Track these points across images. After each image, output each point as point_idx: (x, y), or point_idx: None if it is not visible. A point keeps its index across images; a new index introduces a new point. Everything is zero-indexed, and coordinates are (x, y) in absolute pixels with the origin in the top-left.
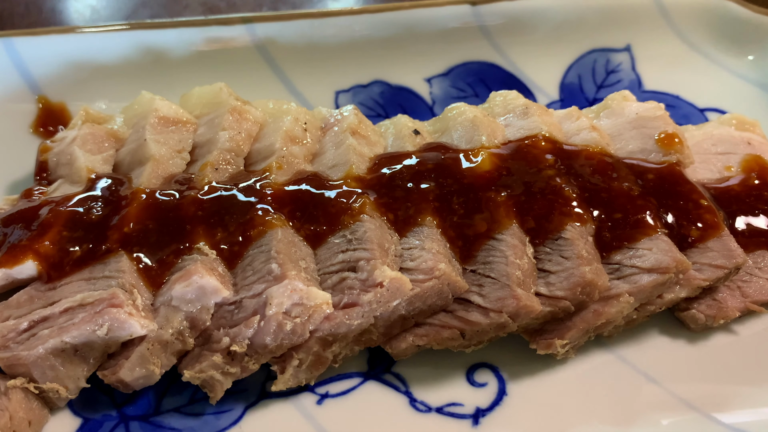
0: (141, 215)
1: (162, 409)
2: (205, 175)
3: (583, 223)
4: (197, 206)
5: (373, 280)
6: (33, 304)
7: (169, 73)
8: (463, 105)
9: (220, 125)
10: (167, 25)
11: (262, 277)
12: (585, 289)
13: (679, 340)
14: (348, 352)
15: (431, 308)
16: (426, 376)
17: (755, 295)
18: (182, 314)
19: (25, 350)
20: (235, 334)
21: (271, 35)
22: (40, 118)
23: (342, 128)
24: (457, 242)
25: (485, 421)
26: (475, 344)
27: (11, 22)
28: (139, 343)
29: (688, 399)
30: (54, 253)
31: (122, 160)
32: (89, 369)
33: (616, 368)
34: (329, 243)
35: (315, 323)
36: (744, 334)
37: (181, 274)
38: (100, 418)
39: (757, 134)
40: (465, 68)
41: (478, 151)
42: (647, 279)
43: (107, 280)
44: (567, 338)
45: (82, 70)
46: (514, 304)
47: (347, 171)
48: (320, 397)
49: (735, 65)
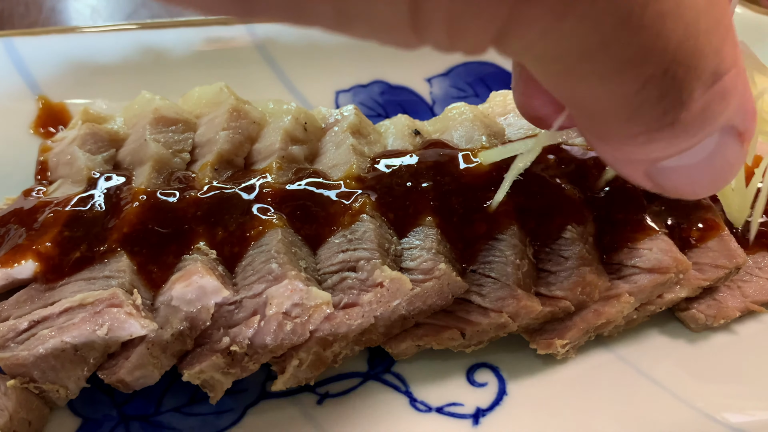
0: (141, 215)
1: (162, 409)
2: (205, 175)
3: (583, 223)
4: (197, 206)
5: (373, 280)
6: (33, 304)
7: (169, 73)
8: (463, 105)
9: (220, 125)
10: (167, 25)
11: (262, 277)
12: (585, 289)
13: (679, 340)
14: (348, 352)
15: (431, 308)
16: (426, 376)
17: (755, 295)
18: (182, 314)
19: (25, 350)
20: (235, 334)
21: (271, 35)
22: (40, 118)
23: (342, 128)
24: (457, 242)
25: (485, 421)
26: (475, 344)
27: (11, 22)
28: (139, 343)
29: (688, 399)
30: (54, 253)
31: (122, 160)
32: (89, 369)
33: (616, 368)
34: (329, 243)
35: (315, 323)
36: (744, 334)
37: (181, 274)
38: (100, 418)
39: None
40: (465, 68)
41: (478, 152)
42: (647, 279)
43: (107, 280)
44: (567, 338)
45: (82, 70)
46: (514, 304)
47: (347, 171)
48: (320, 397)
49: None
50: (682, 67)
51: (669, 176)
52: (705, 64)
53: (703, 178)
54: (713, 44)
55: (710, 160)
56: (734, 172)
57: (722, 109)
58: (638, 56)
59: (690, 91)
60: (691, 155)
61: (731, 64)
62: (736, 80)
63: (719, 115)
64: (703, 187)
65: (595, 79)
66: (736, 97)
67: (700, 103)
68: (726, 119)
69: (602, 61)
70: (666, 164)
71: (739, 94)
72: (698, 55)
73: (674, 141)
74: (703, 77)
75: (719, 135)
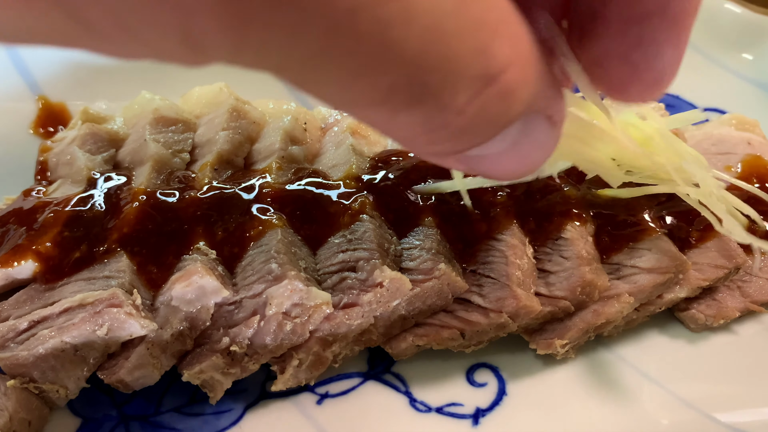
0: (141, 215)
1: (162, 409)
2: (204, 175)
3: (583, 223)
4: (197, 206)
5: (373, 280)
6: (32, 304)
7: (169, 73)
8: None
9: (220, 125)
10: None
11: (262, 277)
12: (585, 289)
13: (679, 340)
14: (348, 352)
15: (431, 308)
16: (426, 376)
17: (755, 295)
18: (182, 314)
19: (25, 350)
20: (235, 334)
21: None
22: (40, 118)
23: (342, 128)
24: (457, 242)
25: (485, 421)
26: (475, 344)
27: None
28: (139, 343)
29: (688, 399)
30: (54, 253)
31: (122, 160)
32: (89, 369)
33: (616, 368)
34: (329, 243)
35: (315, 323)
36: (744, 334)
37: (181, 274)
38: (100, 418)
39: (757, 134)
40: None
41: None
42: (647, 279)
43: (107, 280)
44: (567, 338)
45: (82, 70)
46: (514, 304)
47: (347, 171)
48: (320, 397)
49: (735, 65)
50: (434, 73)
51: (479, 163)
52: (465, 68)
53: (512, 163)
54: (472, 46)
55: (516, 147)
56: (546, 154)
57: (506, 107)
58: (368, 65)
59: (453, 95)
60: (492, 146)
61: (507, 61)
62: (521, 75)
63: (505, 113)
64: (514, 171)
65: (336, 87)
66: (527, 89)
67: (474, 105)
68: (523, 110)
69: (331, 69)
70: (471, 153)
71: (531, 85)
72: (452, 59)
73: (458, 141)
74: (467, 81)
75: (522, 123)
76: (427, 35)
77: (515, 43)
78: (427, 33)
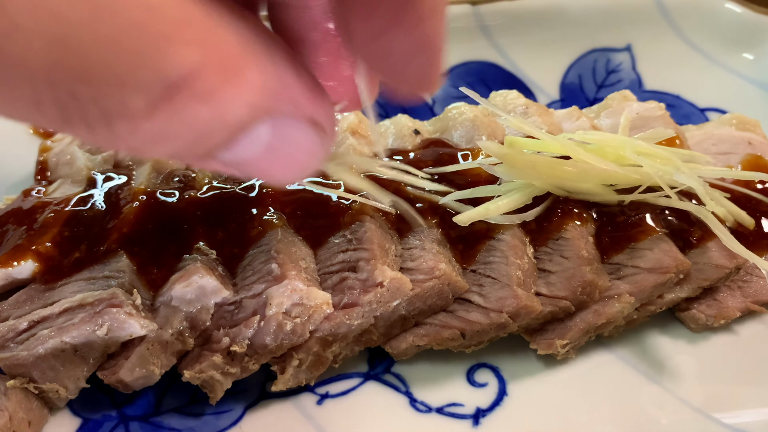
0: (141, 215)
1: (162, 409)
2: (204, 175)
3: (584, 223)
4: (197, 206)
5: (373, 280)
6: (32, 304)
7: None
8: (464, 105)
9: None
10: None
11: (262, 277)
12: (585, 289)
13: (679, 340)
14: (348, 353)
15: (431, 308)
16: (426, 376)
17: (755, 295)
18: (182, 314)
19: (25, 350)
20: (235, 334)
21: None
22: None
23: (342, 128)
24: (457, 242)
25: (485, 421)
26: (476, 344)
27: None
28: (139, 343)
29: (688, 399)
30: (54, 253)
31: (122, 160)
32: (89, 369)
33: (616, 368)
34: (329, 243)
35: (315, 323)
36: (744, 334)
37: (181, 274)
38: (100, 418)
39: (758, 134)
40: (465, 68)
41: (478, 152)
42: (648, 279)
43: (107, 280)
44: (567, 338)
45: None
46: (515, 304)
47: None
48: (320, 397)
49: (735, 65)
50: (80, 85)
51: (242, 167)
52: (128, 76)
53: (276, 166)
54: (133, 54)
55: (274, 151)
56: (313, 156)
57: (217, 110)
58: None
59: (123, 104)
60: (243, 149)
61: (195, 65)
62: (222, 78)
63: (220, 116)
64: (284, 174)
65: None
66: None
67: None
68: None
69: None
70: (225, 158)
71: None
72: (103, 70)
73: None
74: (139, 88)
75: (271, 127)
76: (58, 48)
77: (207, 48)
78: (57, 46)
